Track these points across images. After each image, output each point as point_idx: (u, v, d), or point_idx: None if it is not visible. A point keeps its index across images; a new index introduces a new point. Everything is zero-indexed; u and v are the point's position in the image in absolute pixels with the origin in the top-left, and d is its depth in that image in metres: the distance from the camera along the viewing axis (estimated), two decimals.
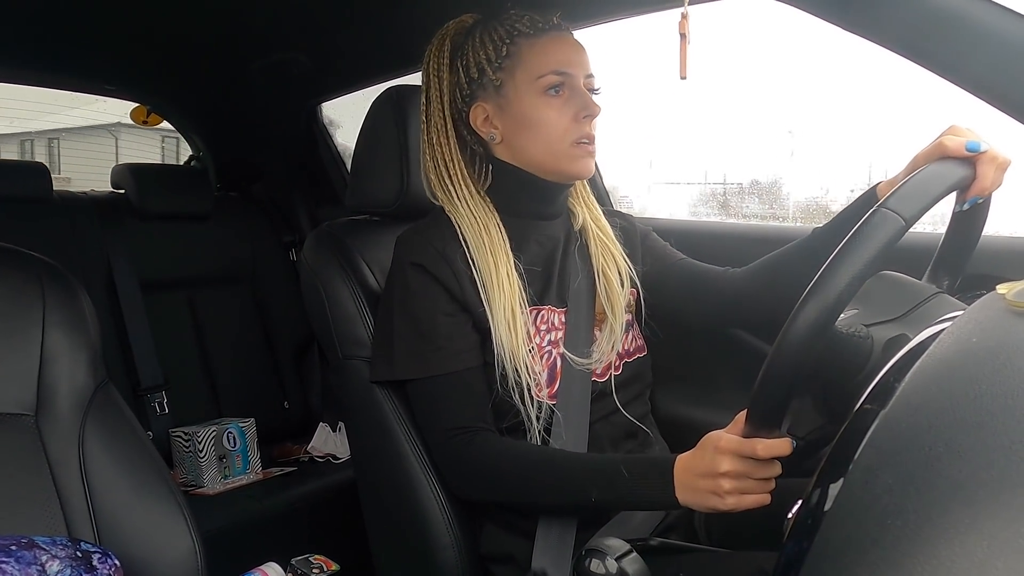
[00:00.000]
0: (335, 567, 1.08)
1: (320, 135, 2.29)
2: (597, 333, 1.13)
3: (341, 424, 2.10)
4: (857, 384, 0.76)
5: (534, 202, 1.14)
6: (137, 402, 1.95)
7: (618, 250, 1.18)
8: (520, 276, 1.08)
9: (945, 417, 0.49)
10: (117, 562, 0.87)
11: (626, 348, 1.15)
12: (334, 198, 2.30)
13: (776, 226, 1.79)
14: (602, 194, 1.78)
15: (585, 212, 1.19)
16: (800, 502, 0.61)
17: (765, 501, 0.85)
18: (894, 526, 0.44)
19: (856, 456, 0.52)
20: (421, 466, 1.10)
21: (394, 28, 1.67)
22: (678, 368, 1.38)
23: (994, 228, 0.99)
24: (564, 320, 1.11)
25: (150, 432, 1.90)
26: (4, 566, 0.78)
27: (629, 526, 1.06)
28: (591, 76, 1.09)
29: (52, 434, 0.96)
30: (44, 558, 0.81)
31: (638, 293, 1.19)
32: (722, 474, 0.84)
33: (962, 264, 0.93)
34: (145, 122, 2.38)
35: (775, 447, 0.81)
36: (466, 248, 1.07)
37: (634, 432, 1.14)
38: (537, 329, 1.08)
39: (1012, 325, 0.56)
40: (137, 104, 2.35)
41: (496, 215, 1.10)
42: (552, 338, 1.09)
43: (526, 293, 1.08)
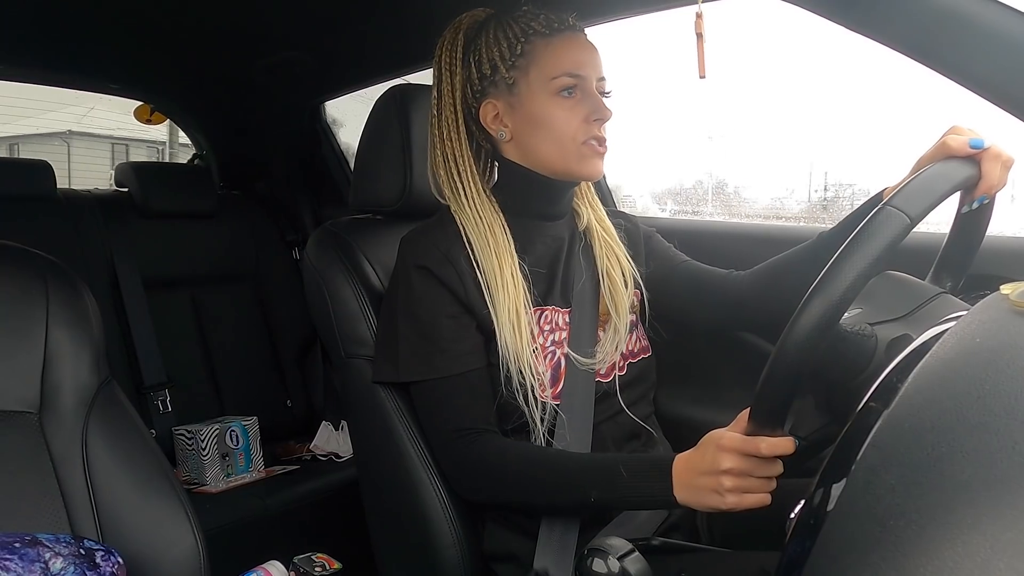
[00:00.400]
0: (337, 565, 1.08)
1: (323, 134, 2.30)
2: (601, 334, 1.13)
3: (344, 423, 2.10)
4: (860, 383, 0.76)
5: (540, 202, 1.13)
6: (140, 400, 1.96)
7: (622, 251, 1.18)
8: (525, 277, 1.07)
9: (948, 417, 0.49)
10: (120, 560, 0.87)
11: (630, 349, 1.15)
12: (337, 197, 2.30)
13: (780, 226, 1.78)
14: (605, 194, 1.78)
15: (590, 213, 1.19)
16: (802, 502, 0.61)
17: (765, 501, 0.85)
18: (897, 526, 0.44)
19: (859, 456, 0.52)
20: (423, 465, 1.10)
21: (397, 27, 1.67)
22: (681, 368, 1.38)
23: (998, 228, 0.99)
24: (568, 320, 1.11)
25: (153, 430, 1.91)
26: (8, 563, 0.78)
27: (631, 526, 1.06)
28: (603, 79, 1.09)
29: (55, 432, 0.96)
30: (48, 555, 0.82)
31: (642, 294, 1.19)
32: (724, 472, 0.84)
33: (965, 266, 0.93)
34: (149, 120, 2.38)
35: (778, 445, 0.80)
36: (470, 249, 1.07)
37: (638, 433, 1.14)
38: (541, 329, 1.08)
39: (1015, 325, 0.56)
40: (141, 103, 2.35)
41: (501, 216, 1.09)
42: (556, 338, 1.09)
43: (530, 294, 1.08)
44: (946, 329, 0.64)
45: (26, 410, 0.96)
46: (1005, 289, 0.60)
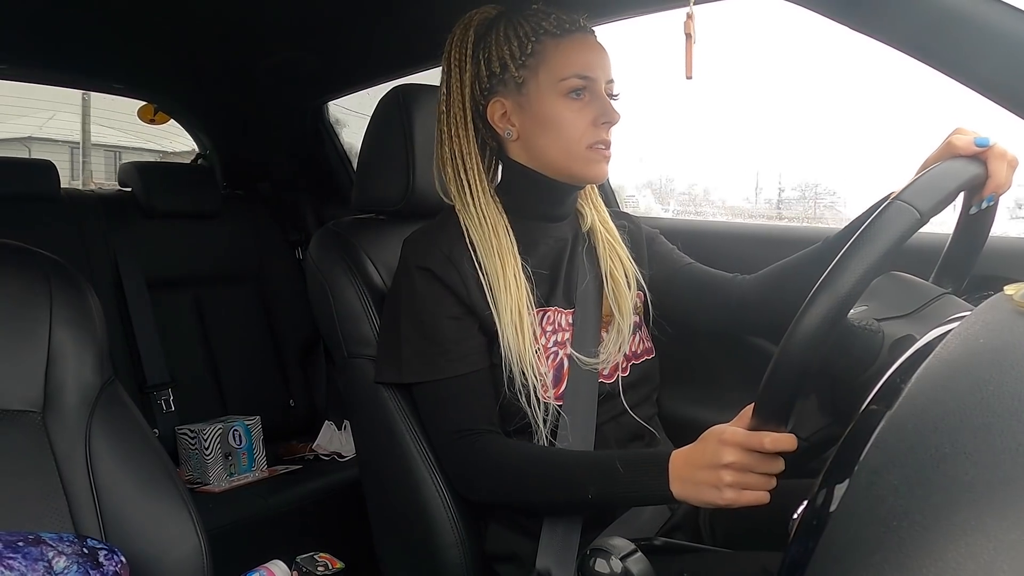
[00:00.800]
0: (340, 565, 1.08)
1: (326, 134, 2.30)
2: (604, 334, 1.13)
3: (346, 422, 2.10)
4: (865, 381, 0.75)
5: (544, 204, 1.13)
6: (143, 400, 1.96)
7: (625, 252, 1.18)
8: (528, 278, 1.07)
9: (952, 418, 0.49)
10: (123, 559, 0.87)
11: (633, 350, 1.15)
12: (340, 197, 2.30)
13: (784, 226, 1.78)
14: (608, 195, 1.77)
15: (593, 213, 1.19)
16: (805, 503, 0.61)
17: (763, 499, 0.84)
18: (900, 527, 0.44)
19: (862, 457, 0.52)
20: (426, 464, 1.10)
21: (400, 27, 1.67)
22: (685, 369, 1.38)
23: (1001, 229, 0.99)
24: (571, 321, 1.11)
25: (156, 430, 1.91)
26: (11, 562, 0.79)
27: (634, 526, 1.06)
28: (612, 81, 1.08)
29: (59, 431, 0.96)
30: (51, 554, 0.82)
31: (645, 295, 1.19)
32: (725, 466, 0.83)
33: (968, 268, 0.92)
34: (152, 120, 2.38)
35: (782, 441, 0.80)
36: (473, 250, 1.07)
37: (641, 434, 1.14)
38: (543, 330, 1.08)
39: (1019, 326, 0.56)
40: (144, 103, 2.36)
41: (504, 217, 1.09)
42: (558, 339, 1.09)
43: (533, 295, 1.08)
44: (950, 330, 0.64)
45: (29, 409, 0.96)
46: (1009, 290, 0.60)
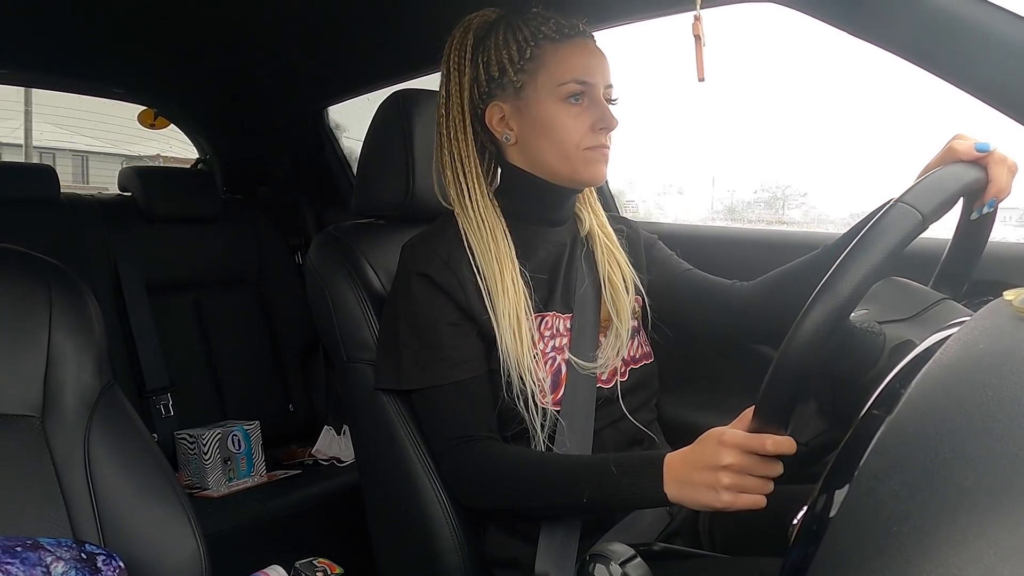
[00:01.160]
0: (339, 570, 1.08)
1: (326, 138, 2.30)
2: (602, 339, 1.13)
3: (346, 427, 2.10)
4: (865, 384, 0.75)
5: (542, 208, 1.13)
6: (142, 404, 1.96)
7: (623, 256, 1.18)
8: (526, 283, 1.07)
9: (952, 423, 0.49)
10: (122, 564, 0.87)
11: (632, 355, 1.15)
12: (340, 201, 2.30)
13: (783, 231, 1.78)
14: (608, 200, 1.77)
15: (592, 218, 1.19)
16: (805, 508, 0.61)
17: (760, 503, 0.83)
18: (900, 533, 0.44)
19: (862, 462, 0.52)
20: (425, 470, 1.10)
21: (400, 33, 1.67)
22: (684, 374, 1.38)
23: (1001, 234, 0.99)
24: (569, 326, 1.11)
25: (155, 434, 1.91)
26: (9, 567, 0.78)
27: (633, 531, 1.06)
28: (610, 87, 1.08)
29: (57, 436, 0.96)
30: (49, 559, 0.82)
31: (643, 300, 1.19)
32: (723, 467, 0.83)
33: (967, 275, 0.92)
34: (152, 125, 2.38)
35: (783, 444, 0.79)
36: (471, 255, 1.07)
37: (640, 439, 1.14)
38: (541, 335, 1.08)
39: (1019, 331, 0.56)
40: (144, 108, 2.36)
41: (503, 221, 1.09)
42: (556, 344, 1.09)
43: (531, 299, 1.08)
44: (950, 335, 0.64)
45: (28, 414, 0.96)
46: (1008, 295, 0.60)
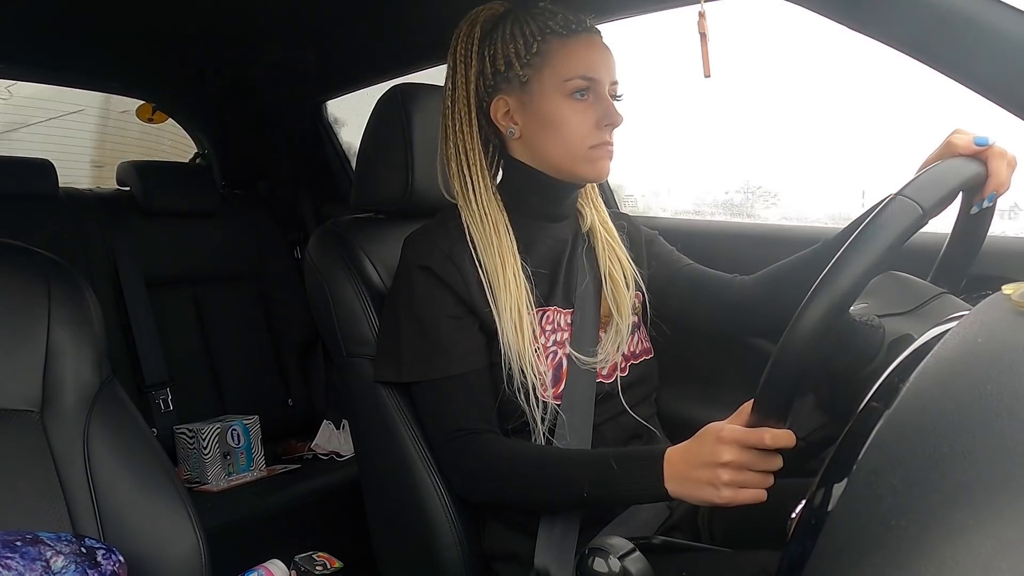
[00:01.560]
0: (338, 564, 1.08)
1: (325, 133, 2.30)
2: (602, 334, 1.13)
3: (345, 422, 2.10)
4: (864, 378, 0.75)
5: (544, 203, 1.13)
6: (142, 399, 1.96)
7: (624, 252, 1.18)
8: (528, 278, 1.07)
9: (950, 418, 0.49)
10: (121, 558, 0.87)
11: (632, 350, 1.15)
12: (339, 196, 2.30)
13: (782, 226, 1.78)
14: (608, 196, 1.77)
15: (593, 214, 1.19)
16: (804, 502, 0.61)
17: (761, 497, 0.84)
18: (898, 527, 0.44)
19: (860, 456, 0.52)
20: (424, 464, 1.10)
21: (400, 27, 1.67)
22: (684, 369, 1.38)
23: (999, 229, 0.99)
24: (570, 321, 1.11)
25: (154, 429, 1.91)
26: (9, 562, 0.79)
27: (632, 525, 1.06)
28: (616, 83, 1.08)
29: (57, 430, 0.96)
30: (49, 554, 0.82)
31: (643, 296, 1.19)
32: (723, 464, 0.83)
33: (965, 269, 0.92)
34: (151, 120, 2.38)
35: (782, 437, 0.79)
36: (473, 249, 1.07)
37: (640, 434, 1.14)
38: (543, 329, 1.08)
39: (1017, 326, 0.56)
40: (142, 102, 2.35)
41: (505, 215, 1.09)
42: (558, 339, 1.09)
43: (532, 294, 1.08)
44: (948, 329, 0.64)
45: (28, 408, 0.96)
46: (1007, 289, 0.60)
